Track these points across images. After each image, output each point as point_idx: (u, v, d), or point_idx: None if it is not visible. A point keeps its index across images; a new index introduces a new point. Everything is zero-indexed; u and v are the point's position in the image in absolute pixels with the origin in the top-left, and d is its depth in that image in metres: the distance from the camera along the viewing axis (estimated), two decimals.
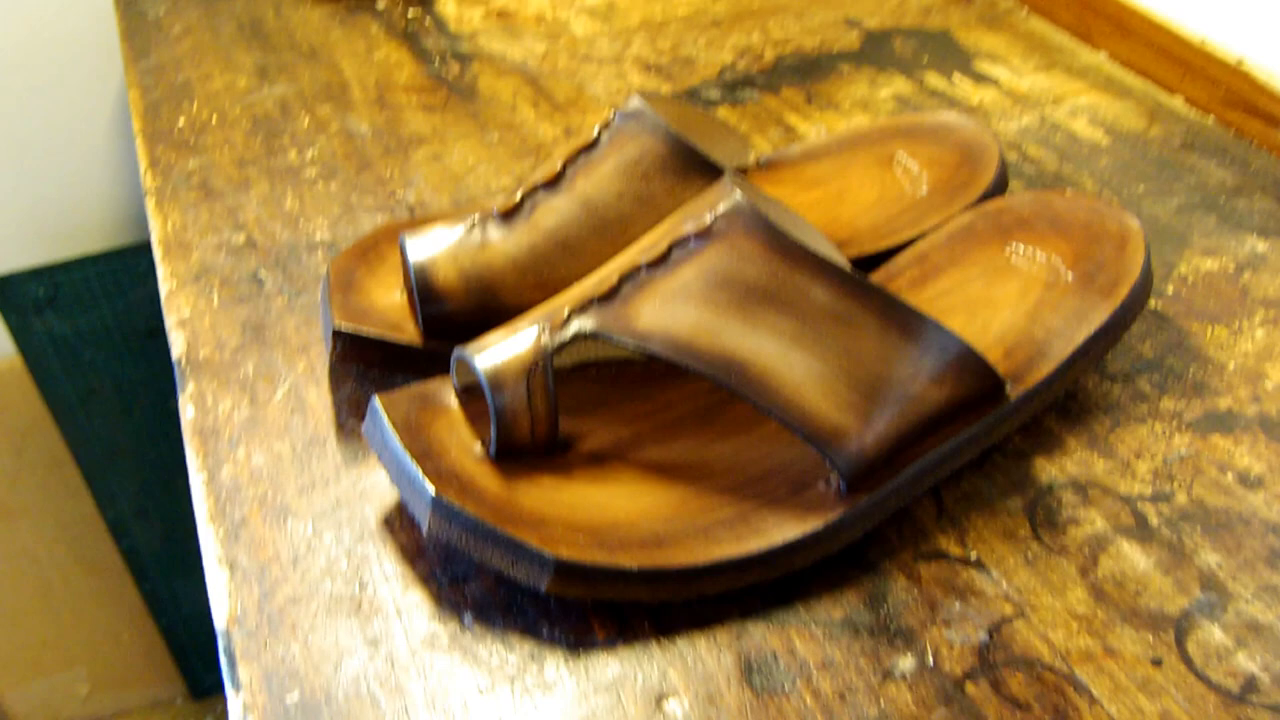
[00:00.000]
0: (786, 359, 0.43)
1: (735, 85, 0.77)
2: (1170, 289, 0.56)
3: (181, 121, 0.79)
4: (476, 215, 0.52)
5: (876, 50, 0.79)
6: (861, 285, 0.44)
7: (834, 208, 0.60)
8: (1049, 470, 0.48)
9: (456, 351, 0.47)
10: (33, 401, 1.25)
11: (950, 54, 0.77)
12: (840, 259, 0.51)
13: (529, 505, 0.44)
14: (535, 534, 0.42)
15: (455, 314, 0.51)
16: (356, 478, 0.49)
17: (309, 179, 0.71)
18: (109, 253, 1.19)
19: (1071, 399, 0.51)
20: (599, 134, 0.52)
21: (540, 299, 0.51)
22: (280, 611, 0.44)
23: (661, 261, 0.45)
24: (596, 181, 0.51)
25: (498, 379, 0.45)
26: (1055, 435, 0.49)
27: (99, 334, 1.20)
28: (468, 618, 0.43)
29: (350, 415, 0.52)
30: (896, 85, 0.74)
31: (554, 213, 0.51)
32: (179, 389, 0.56)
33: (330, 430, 0.52)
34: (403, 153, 0.73)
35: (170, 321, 0.60)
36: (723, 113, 0.74)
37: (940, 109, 0.71)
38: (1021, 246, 0.53)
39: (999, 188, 0.58)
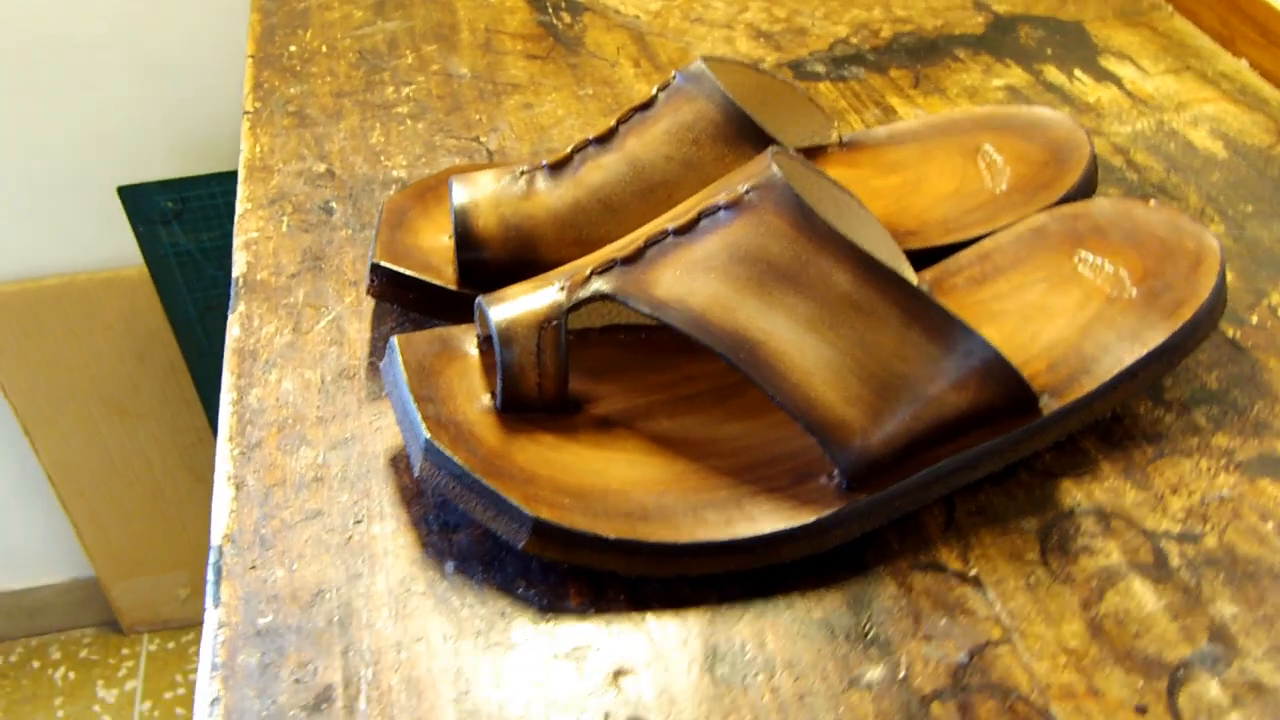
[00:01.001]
0: (799, 343, 0.42)
1: (843, 61, 0.74)
2: (1255, 319, 0.52)
3: (293, 48, 0.80)
4: (526, 165, 0.52)
5: (999, 37, 0.75)
6: (887, 276, 0.42)
7: (907, 196, 0.57)
8: (1074, 494, 0.45)
9: (478, 300, 0.46)
10: (155, 310, 1.31)
11: (1077, 47, 0.73)
12: (883, 249, 0.49)
13: (522, 461, 0.43)
14: (520, 491, 0.41)
15: (492, 262, 0.51)
16: (375, 415, 0.50)
17: (399, 115, 0.71)
18: (234, 173, 1.22)
19: (1117, 422, 0.48)
20: (656, 94, 0.51)
21: (578, 256, 0.50)
22: (274, 535, 0.45)
23: (688, 229, 0.44)
24: (646, 142, 0.50)
25: (509, 332, 0.44)
26: (1091, 458, 0.46)
27: (221, 251, 1.24)
28: (450, 566, 0.43)
29: (384, 352, 0.53)
30: (1011, 76, 0.71)
31: (601, 170, 0.50)
32: (230, 307, 0.57)
33: (362, 365, 0.52)
34: (496, 98, 0.73)
35: (237, 241, 0.61)
36: (824, 88, 0.72)
37: (1038, 103, 0.68)
38: (1091, 255, 0.50)
39: (1083, 191, 0.54)
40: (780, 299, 0.42)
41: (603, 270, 0.45)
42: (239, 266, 0.60)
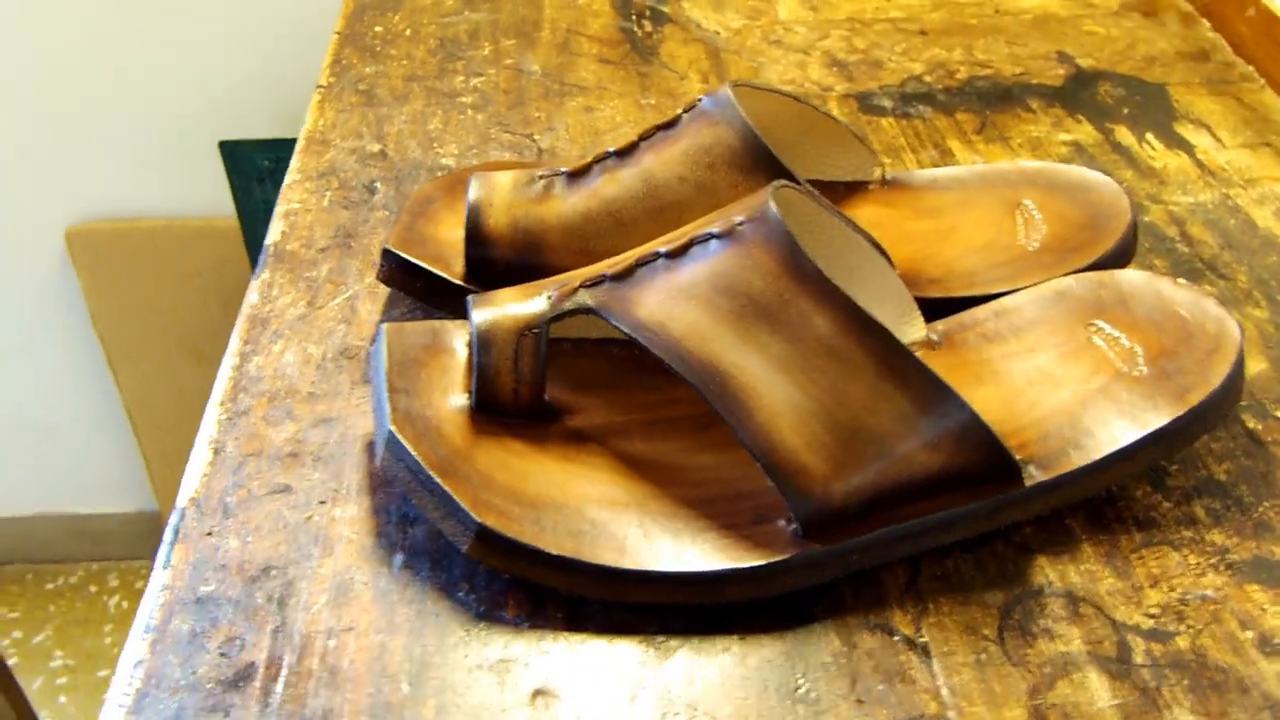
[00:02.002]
0: (770, 383, 0.41)
1: (912, 98, 0.73)
2: None
3: (378, 29, 0.82)
4: (547, 169, 0.52)
5: (1077, 91, 0.73)
6: (868, 325, 0.41)
7: (938, 243, 0.56)
8: (1048, 572, 0.43)
9: (468, 299, 0.46)
10: (243, 262, 1.34)
11: (1155, 110, 0.70)
12: (889, 295, 0.48)
13: (483, 464, 0.43)
14: (471, 494, 0.41)
15: (498, 260, 0.51)
16: (363, 397, 0.50)
17: (462, 105, 0.72)
18: None
19: (1109, 503, 0.46)
20: (681, 114, 0.50)
21: (583, 265, 0.50)
22: (238, 505, 0.45)
23: (679, 254, 0.44)
24: (664, 161, 0.50)
25: (488, 335, 0.44)
26: (1074, 537, 0.44)
27: None
28: (398, 559, 0.43)
29: None
30: (1080, 132, 0.69)
31: (616, 183, 0.50)
32: (254, 273, 0.58)
33: (365, 346, 0.53)
34: (559, 98, 0.73)
35: (278, 210, 0.63)
36: (886, 124, 0.70)
37: (1103, 163, 0.65)
38: (1108, 326, 0.48)
39: (1117, 259, 0.52)
40: (757, 336, 0.41)
41: (592, 284, 0.44)
42: (273, 234, 0.61)
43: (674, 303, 0.42)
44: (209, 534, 0.44)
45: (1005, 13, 0.84)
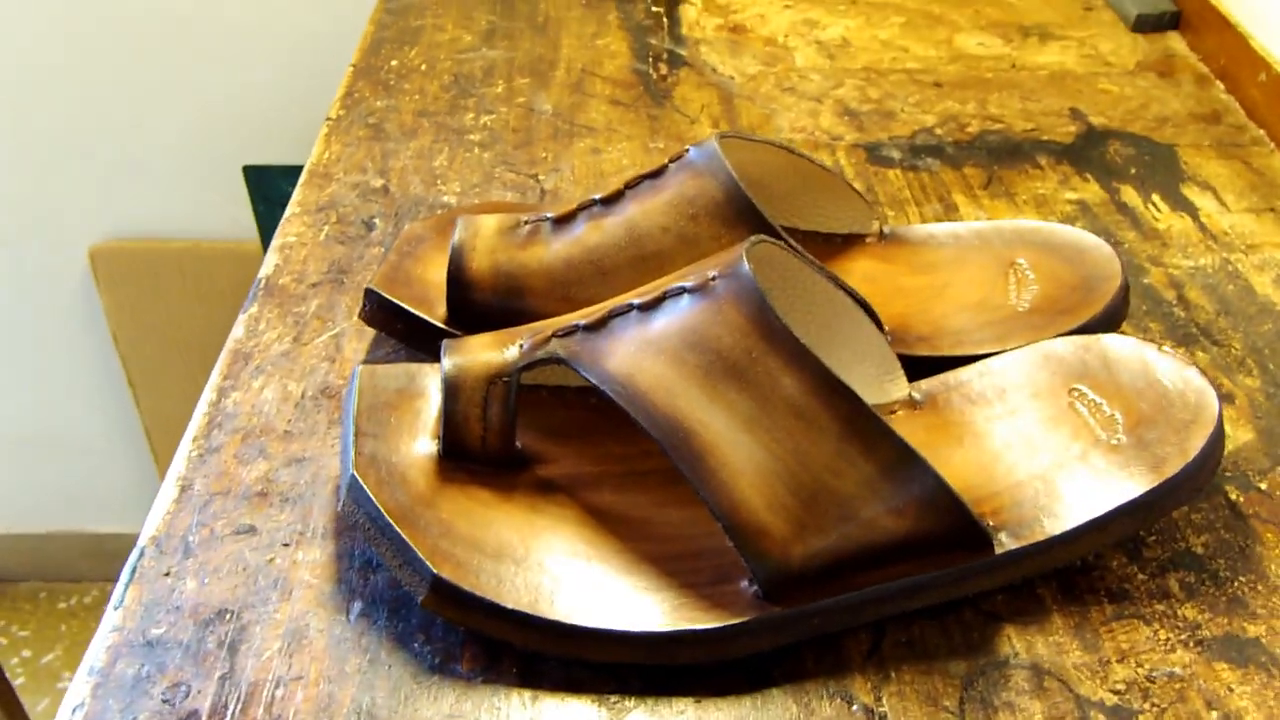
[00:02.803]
0: (733, 441, 0.40)
1: (921, 150, 0.72)
2: (1265, 485, 0.48)
3: (394, 63, 0.82)
4: (533, 214, 0.52)
5: (1086, 149, 0.72)
6: (835, 387, 0.40)
7: (930, 300, 0.55)
8: (1015, 643, 0.42)
9: (443, 343, 0.46)
10: None
11: (1162, 171, 0.70)
12: (870, 353, 0.48)
13: (446, 512, 0.43)
14: (429, 544, 0.41)
15: (479, 304, 0.51)
16: (338, 438, 0.50)
17: (469, 143, 0.72)
18: None
19: (1082, 572, 0.45)
20: (667, 164, 0.50)
21: (564, 312, 0.49)
22: (199, 545, 0.45)
23: (651, 307, 0.43)
24: (647, 211, 0.49)
25: (456, 382, 0.44)
26: (1044, 606, 0.44)
27: None
28: (356, 607, 0.43)
29: None
30: (1087, 191, 0.68)
31: (599, 231, 0.50)
32: (243, 307, 0.58)
33: (346, 385, 0.53)
34: (568, 138, 0.73)
35: (275, 243, 0.63)
36: (893, 175, 0.70)
37: (1107, 223, 0.65)
38: (1091, 392, 0.47)
39: (1105, 323, 0.51)
40: (724, 393, 0.41)
41: (564, 334, 0.44)
42: (266, 268, 0.61)
43: (643, 356, 0.42)
44: (166, 574, 0.44)
45: (1022, 68, 0.83)
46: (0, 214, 1.34)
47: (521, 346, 0.45)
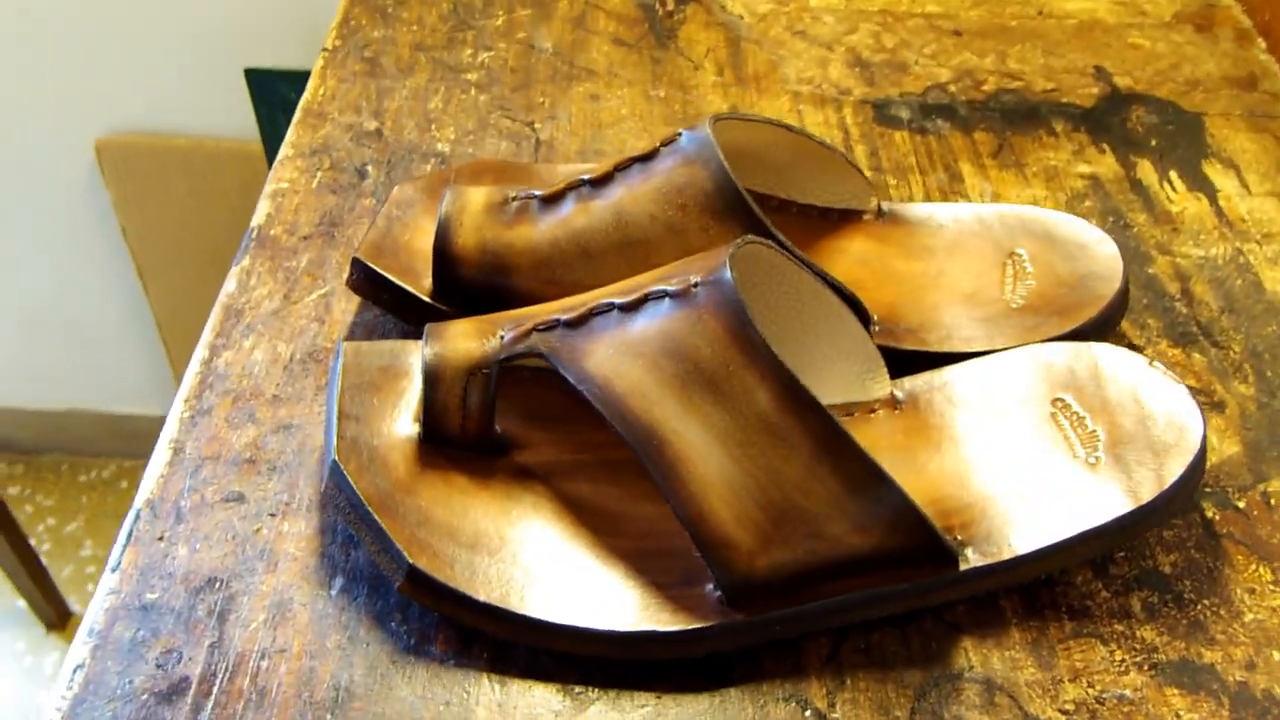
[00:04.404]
0: (706, 454, 0.41)
1: (932, 110, 0.71)
2: (1243, 503, 0.49)
3: None
4: (523, 190, 0.51)
5: (1107, 115, 0.70)
6: (808, 404, 0.40)
7: (922, 288, 0.55)
8: (971, 656, 0.43)
9: (427, 327, 0.46)
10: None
11: (1186, 144, 0.68)
12: (854, 352, 0.47)
13: (425, 499, 0.43)
14: (407, 533, 0.42)
15: (465, 280, 0.50)
16: (323, 405, 0.50)
17: (465, 83, 0.71)
18: None
19: (1046, 587, 0.45)
20: (659, 148, 0.50)
21: (549, 295, 0.49)
22: (190, 511, 0.46)
23: (632, 309, 0.43)
24: (636, 196, 0.49)
25: (437, 371, 0.44)
26: (1004, 620, 0.44)
27: None
28: (338, 582, 0.44)
29: (360, 338, 0.53)
30: (1101, 165, 0.66)
31: (586, 214, 0.49)
32: (235, 259, 0.58)
33: (333, 350, 0.53)
34: (566, 82, 0.72)
35: (267, 189, 0.63)
36: (900, 138, 0.68)
37: (1118, 201, 0.63)
38: (1076, 405, 0.47)
39: (1098, 328, 0.51)
40: (699, 405, 0.41)
41: (545, 328, 0.44)
42: (259, 217, 0.61)
43: (621, 359, 0.42)
44: (160, 539, 0.45)
45: (1049, 15, 0.80)
46: (6, 104, 1.33)
47: (503, 338, 0.45)
